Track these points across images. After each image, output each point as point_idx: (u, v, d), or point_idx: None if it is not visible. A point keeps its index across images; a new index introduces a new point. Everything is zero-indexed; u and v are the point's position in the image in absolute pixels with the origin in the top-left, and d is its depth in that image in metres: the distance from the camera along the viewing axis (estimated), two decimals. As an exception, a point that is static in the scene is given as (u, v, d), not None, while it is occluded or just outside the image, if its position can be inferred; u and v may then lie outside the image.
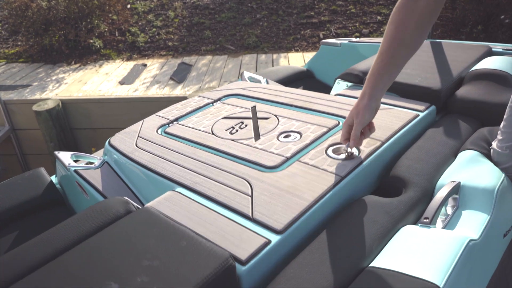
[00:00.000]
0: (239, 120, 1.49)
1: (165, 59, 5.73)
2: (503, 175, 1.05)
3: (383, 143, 1.23)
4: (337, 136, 1.29)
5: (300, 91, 1.72)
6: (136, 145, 1.40)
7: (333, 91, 1.83)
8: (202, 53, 5.79)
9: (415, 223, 1.00)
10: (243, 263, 0.85)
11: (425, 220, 0.94)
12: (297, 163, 1.18)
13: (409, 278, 0.76)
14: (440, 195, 0.98)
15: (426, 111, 1.43)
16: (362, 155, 1.17)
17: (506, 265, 0.97)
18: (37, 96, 4.81)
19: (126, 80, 5.09)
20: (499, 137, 1.13)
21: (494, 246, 0.94)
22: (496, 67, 1.60)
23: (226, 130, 1.43)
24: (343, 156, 1.18)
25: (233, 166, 1.20)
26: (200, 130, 1.45)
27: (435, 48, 1.94)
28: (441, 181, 1.09)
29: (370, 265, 0.84)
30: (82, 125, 4.81)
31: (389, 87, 1.12)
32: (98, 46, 5.92)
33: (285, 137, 1.34)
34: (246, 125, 1.45)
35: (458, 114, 1.47)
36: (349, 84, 1.80)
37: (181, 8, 6.66)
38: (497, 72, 1.57)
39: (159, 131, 1.49)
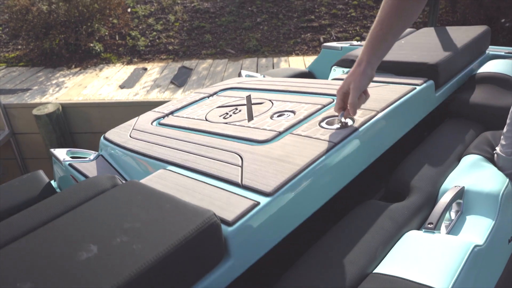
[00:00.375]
0: (233, 107, 1.49)
1: (165, 63, 5.73)
2: (507, 180, 1.04)
3: (378, 112, 1.21)
4: (331, 111, 1.26)
5: (296, 79, 1.71)
6: (130, 136, 1.40)
7: (329, 78, 1.83)
8: (202, 57, 5.79)
9: (419, 228, 0.99)
10: (230, 224, 0.82)
11: (429, 225, 0.92)
12: (289, 135, 1.15)
13: (414, 284, 0.75)
14: (444, 200, 0.97)
15: (424, 85, 1.41)
16: (357, 124, 1.14)
17: (511, 271, 0.95)
18: (37, 100, 4.80)
19: (127, 84, 5.09)
20: (502, 142, 1.12)
21: (499, 251, 0.93)
22: (498, 71, 1.59)
23: (219, 116, 1.42)
24: (337, 126, 1.15)
25: (225, 143, 1.17)
26: (194, 119, 1.45)
27: (435, 32, 1.94)
28: (445, 185, 1.08)
29: (374, 271, 0.83)
30: (82, 129, 4.80)
31: (385, 67, 1.11)
32: (99, 50, 5.92)
33: (278, 116, 1.31)
34: (240, 111, 1.44)
35: (461, 118, 1.46)
36: (346, 70, 1.80)
37: (181, 12, 6.66)
38: (499, 75, 1.57)
39: (154, 123, 1.50)
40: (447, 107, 1.52)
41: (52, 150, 1.57)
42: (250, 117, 1.35)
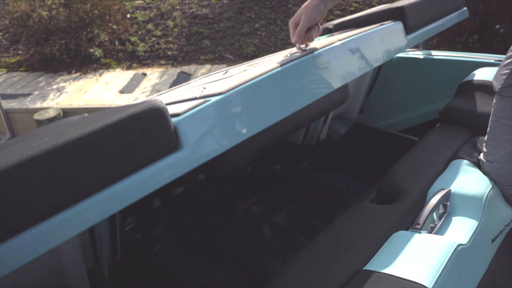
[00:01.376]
0: (213, 81, 1.53)
1: (164, 68, 5.79)
2: (491, 183, 1.10)
3: (339, 40, 1.23)
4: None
5: None
6: None
7: None
8: (201, 62, 5.84)
9: (407, 229, 1.04)
10: (179, 114, 0.84)
11: (416, 226, 0.98)
12: (253, 68, 1.18)
13: (400, 280, 0.80)
14: (431, 202, 1.03)
15: (391, 23, 1.42)
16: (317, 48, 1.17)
17: (494, 270, 1.01)
18: (38, 105, 4.85)
19: (126, 89, 5.14)
20: (484, 149, 1.18)
21: (482, 251, 0.99)
22: (487, 78, 1.65)
23: (199, 87, 1.46)
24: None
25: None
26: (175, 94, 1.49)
27: None
28: (432, 188, 1.13)
29: (363, 269, 0.88)
30: (82, 133, 4.85)
31: (353, 24, 1.14)
32: (98, 55, 5.97)
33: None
34: (217, 81, 1.48)
35: (451, 124, 1.51)
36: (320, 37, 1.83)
37: (180, 17, 6.73)
38: (488, 83, 1.62)
39: None
40: (413, 24, 1.54)
41: None
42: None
